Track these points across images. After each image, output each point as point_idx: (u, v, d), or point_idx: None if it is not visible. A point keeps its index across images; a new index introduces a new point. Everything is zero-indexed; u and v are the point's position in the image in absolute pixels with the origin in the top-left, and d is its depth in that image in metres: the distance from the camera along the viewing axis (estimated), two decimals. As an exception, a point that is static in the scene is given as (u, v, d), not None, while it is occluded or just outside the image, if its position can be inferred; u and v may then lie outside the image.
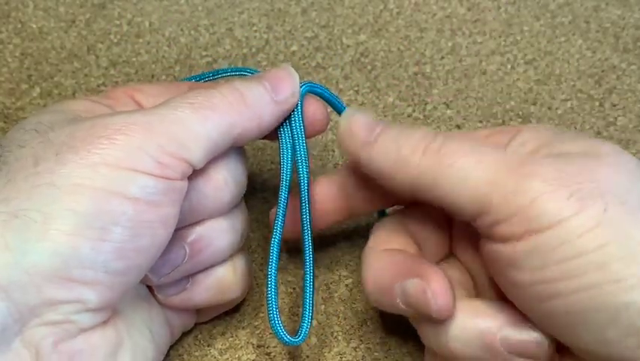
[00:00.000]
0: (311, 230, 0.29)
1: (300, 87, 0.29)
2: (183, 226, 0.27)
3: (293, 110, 0.29)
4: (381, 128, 0.27)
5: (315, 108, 0.29)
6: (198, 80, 0.32)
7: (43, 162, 0.23)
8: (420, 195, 0.25)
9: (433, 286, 0.25)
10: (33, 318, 0.22)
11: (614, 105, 0.40)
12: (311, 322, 0.28)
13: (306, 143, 0.29)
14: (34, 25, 0.44)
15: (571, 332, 0.23)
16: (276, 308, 0.28)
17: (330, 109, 0.30)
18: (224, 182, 0.27)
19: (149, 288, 0.29)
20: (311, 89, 0.30)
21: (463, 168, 0.24)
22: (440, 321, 0.25)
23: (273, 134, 0.29)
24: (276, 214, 0.29)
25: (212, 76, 0.31)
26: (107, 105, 0.28)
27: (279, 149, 0.29)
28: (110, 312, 0.25)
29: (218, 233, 0.28)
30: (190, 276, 0.28)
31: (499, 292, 0.27)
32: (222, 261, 0.28)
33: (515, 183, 0.23)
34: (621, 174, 0.23)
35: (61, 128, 0.25)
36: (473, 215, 0.24)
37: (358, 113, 0.27)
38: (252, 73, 0.30)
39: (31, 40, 0.43)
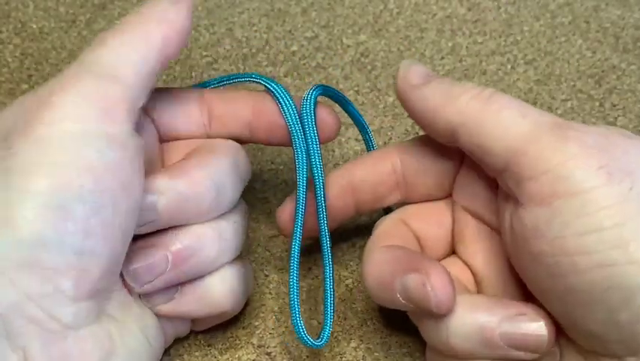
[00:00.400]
0: (329, 236, 0.29)
1: (312, 91, 0.29)
2: (165, 230, 0.27)
3: (305, 116, 0.29)
4: (435, 76, 0.27)
5: (325, 114, 0.29)
6: (208, 87, 0.31)
7: None
8: (459, 139, 0.25)
9: (432, 280, 0.25)
10: (16, 317, 0.22)
11: (614, 105, 0.40)
12: (332, 325, 0.28)
13: (320, 147, 0.29)
14: (34, 25, 0.44)
15: (583, 312, 0.23)
16: (298, 313, 0.28)
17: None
18: (205, 186, 0.26)
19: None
20: (323, 92, 0.30)
21: (508, 116, 0.24)
22: (440, 316, 0.25)
23: (286, 140, 0.29)
24: (295, 221, 0.29)
25: (219, 82, 0.31)
26: None
27: (294, 155, 0.29)
28: (97, 309, 0.24)
29: (205, 243, 0.27)
30: (179, 285, 0.28)
31: (500, 288, 0.27)
32: (210, 271, 0.28)
33: (554, 141, 0.23)
34: None
35: (7, 113, 0.24)
36: (506, 165, 0.24)
37: (416, 63, 0.28)
38: (258, 79, 0.30)
39: (31, 40, 0.43)
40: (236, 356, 0.30)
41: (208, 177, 0.27)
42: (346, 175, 0.30)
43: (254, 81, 0.30)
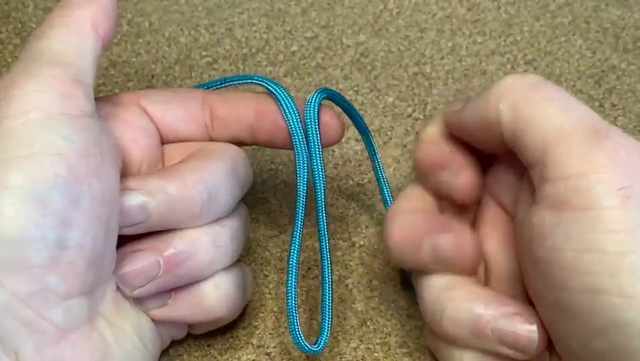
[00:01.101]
0: (329, 241, 0.29)
1: (316, 94, 0.29)
2: (158, 235, 0.26)
3: (309, 119, 0.29)
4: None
5: (329, 117, 0.29)
6: (210, 88, 0.31)
7: None
8: (492, 128, 0.25)
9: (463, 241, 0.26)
10: (6, 319, 0.22)
11: (614, 105, 0.40)
12: (330, 332, 0.28)
13: (322, 151, 0.29)
14: (34, 26, 0.44)
15: (565, 328, 0.23)
16: (296, 319, 0.28)
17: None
18: (197, 189, 0.26)
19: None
20: (328, 96, 0.30)
21: (547, 107, 0.23)
22: (441, 295, 0.26)
23: (288, 143, 0.29)
24: (294, 227, 0.29)
25: (221, 84, 0.31)
26: (113, 115, 0.27)
27: (295, 157, 0.29)
28: (88, 308, 0.24)
29: (198, 248, 0.27)
30: (172, 291, 0.27)
31: (507, 278, 0.27)
32: (204, 277, 0.27)
33: (585, 147, 0.22)
34: None
35: None
36: (536, 160, 0.23)
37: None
38: (261, 81, 0.30)
39: (31, 40, 0.43)
40: (236, 356, 0.30)
41: (200, 181, 0.26)
42: None
43: (256, 83, 0.30)
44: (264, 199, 0.36)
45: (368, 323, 0.32)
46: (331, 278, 0.29)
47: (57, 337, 0.23)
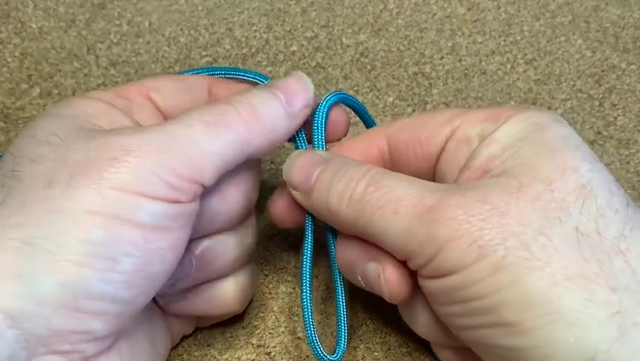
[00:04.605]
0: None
1: (328, 97, 0.29)
2: (192, 238, 0.27)
3: (317, 122, 0.29)
4: (318, 172, 0.27)
5: (335, 114, 0.29)
6: (215, 73, 0.31)
7: (56, 184, 0.23)
8: (363, 237, 0.26)
9: (386, 273, 0.26)
10: (41, 347, 0.22)
11: (614, 105, 0.40)
12: (347, 341, 0.28)
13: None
14: (34, 25, 0.44)
15: (483, 358, 0.25)
16: (313, 329, 0.28)
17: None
18: (236, 199, 0.27)
19: None
20: (341, 100, 0.29)
21: (382, 219, 0.25)
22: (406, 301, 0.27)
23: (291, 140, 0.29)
24: (304, 237, 0.29)
25: (210, 72, 0.31)
26: (122, 108, 0.27)
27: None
28: (115, 337, 0.25)
29: (226, 247, 0.28)
30: (193, 286, 0.28)
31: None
32: (227, 274, 0.28)
33: (426, 233, 0.24)
34: (536, 212, 0.23)
35: (77, 144, 0.24)
36: (404, 258, 0.25)
37: (299, 157, 0.28)
38: (253, 77, 0.29)
39: (31, 40, 0.43)
40: (236, 356, 0.30)
41: (239, 192, 0.27)
42: None
43: (261, 82, 0.29)
44: (264, 199, 0.36)
45: (368, 323, 0.32)
46: (344, 287, 0.29)
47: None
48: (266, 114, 0.26)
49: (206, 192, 0.26)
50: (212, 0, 0.46)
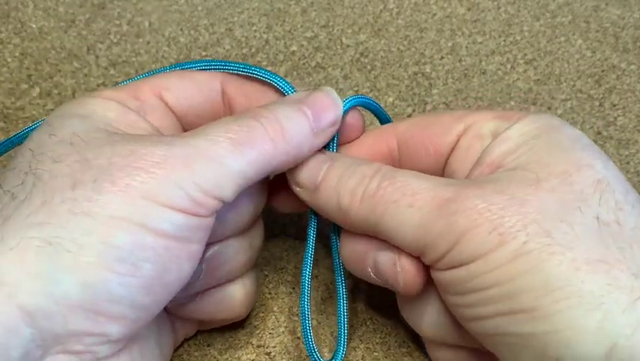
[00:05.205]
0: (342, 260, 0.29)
1: (346, 101, 0.28)
2: None
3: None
4: (324, 172, 0.27)
5: (351, 117, 0.29)
6: (204, 68, 0.29)
7: (80, 186, 0.23)
8: (373, 235, 0.26)
9: (403, 261, 0.25)
10: (56, 346, 0.22)
11: (614, 105, 0.40)
12: (345, 348, 0.28)
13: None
14: (34, 25, 0.44)
15: (495, 351, 0.24)
16: (310, 337, 0.28)
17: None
18: (247, 209, 0.27)
19: None
20: (360, 104, 0.29)
21: (396, 214, 0.25)
22: (412, 297, 0.26)
23: None
24: (306, 245, 0.29)
25: (224, 67, 0.29)
26: (135, 109, 0.27)
27: None
28: (128, 339, 0.25)
29: (236, 251, 0.28)
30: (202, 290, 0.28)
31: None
32: (234, 278, 0.28)
33: (444, 224, 0.23)
34: (555, 202, 0.23)
35: (99, 147, 0.24)
36: (417, 253, 0.25)
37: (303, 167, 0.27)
38: (262, 74, 0.28)
39: (31, 40, 0.43)
40: (236, 356, 0.30)
41: (247, 197, 0.27)
42: None
43: (271, 81, 0.28)
44: (264, 199, 0.36)
45: (368, 323, 0.32)
46: (345, 293, 0.29)
47: None
48: (292, 131, 0.26)
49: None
50: (212, 0, 0.46)
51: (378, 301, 0.32)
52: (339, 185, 0.26)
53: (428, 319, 0.27)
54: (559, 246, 0.22)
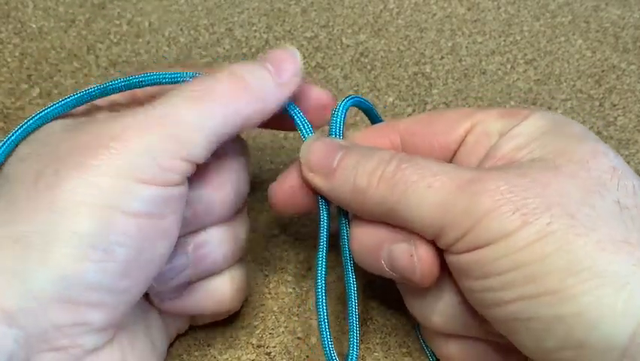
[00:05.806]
0: (352, 260, 0.28)
1: (345, 101, 0.28)
2: (187, 233, 0.27)
3: (334, 126, 0.28)
4: (340, 157, 0.27)
5: (318, 94, 0.29)
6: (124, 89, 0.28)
7: (42, 178, 0.22)
8: (386, 220, 0.26)
9: (420, 251, 0.25)
10: (40, 344, 0.22)
11: (614, 105, 0.40)
12: (358, 347, 0.28)
13: None
14: (34, 25, 0.44)
15: (515, 338, 0.24)
16: (330, 340, 0.27)
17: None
18: (229, 188, 0.27)
19: (145, 294, 0.28)
20: (356, 104, 0.29)
21: (415, 194, 0.24)
22: (424, 288, 0.26)
23: (292, 126, 0.28)
24: (319, 247, 0.28)
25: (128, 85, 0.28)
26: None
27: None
28: (115, 330, 0.25)
29: (221, 241, 0.27)
30: (188, 283, 0.28)
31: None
32: (221, 271, 0.28)
33: (465, 203, 0.23)
34: (576, 186, 0.23)
35: (59, 139, 0.24)
36: (433, 236, 0.25)
37: (317, 140, 0.27)
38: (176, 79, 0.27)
39: (31, 40, 0.43)
40: (236, 356, 0.30)
41: (229, 181, 0.27)
42: None
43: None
44: (264, 199, 0.36)
45: (368, 323, 0.32)
46: (357, 295, 0.28)
47: (83, 356, 0.23)
48: (254, 83, 0.26)
49: (197, 182, 0.26)
50: (212, 0, 0.46)
51: (378, 302, 0.32)
52: (357, 167, 0.26)
53: (440, 309, 0.26)
54: (583, 227, 0.22)
